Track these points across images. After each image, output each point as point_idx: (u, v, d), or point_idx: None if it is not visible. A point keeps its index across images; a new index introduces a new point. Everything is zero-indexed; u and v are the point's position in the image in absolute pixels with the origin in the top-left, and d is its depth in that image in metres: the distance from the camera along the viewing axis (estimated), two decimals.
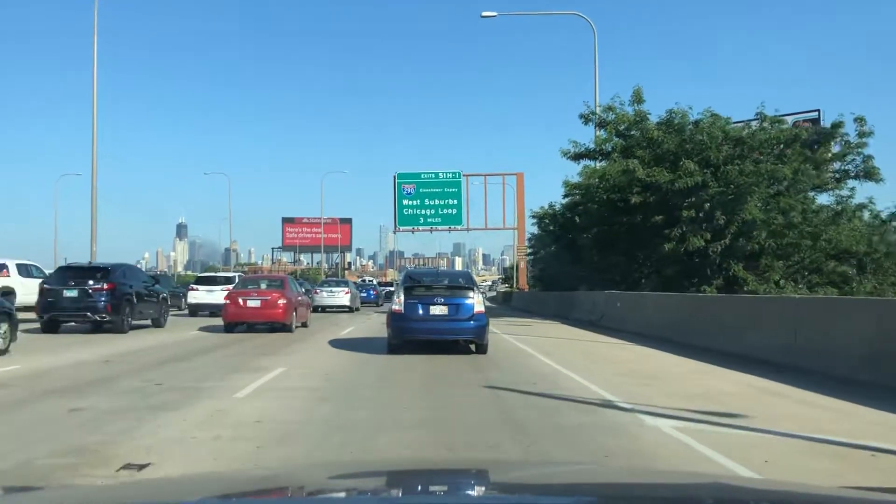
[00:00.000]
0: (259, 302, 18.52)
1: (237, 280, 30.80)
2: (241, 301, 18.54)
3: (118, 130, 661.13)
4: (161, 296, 21.92)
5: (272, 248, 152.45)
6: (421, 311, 12.53)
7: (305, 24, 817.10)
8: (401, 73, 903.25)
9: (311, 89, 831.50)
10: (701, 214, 22.24)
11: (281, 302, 18.44)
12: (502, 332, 19.38)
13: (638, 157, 23.18)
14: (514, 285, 73.91)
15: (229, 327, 18.71)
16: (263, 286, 19.79)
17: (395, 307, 12.83)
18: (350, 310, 32.72)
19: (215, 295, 28.59)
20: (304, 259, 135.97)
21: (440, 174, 53.78)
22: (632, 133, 24.10)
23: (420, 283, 13.42)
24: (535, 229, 40.26)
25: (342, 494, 2.17)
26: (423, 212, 53.46)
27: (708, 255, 22.39)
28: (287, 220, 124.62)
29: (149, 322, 20.63)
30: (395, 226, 54.05)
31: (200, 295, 29.58)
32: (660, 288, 23.94)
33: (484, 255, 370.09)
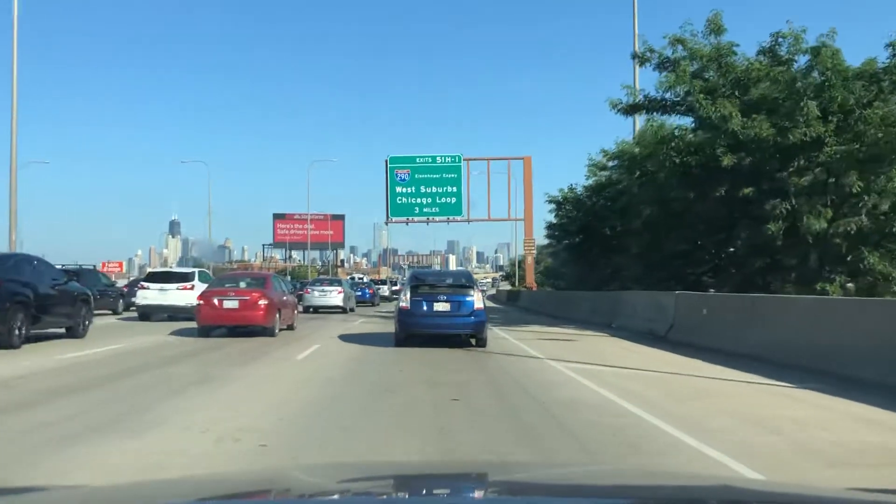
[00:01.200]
0: (237, 303, 15.82)
1: (196, 276, 24.42)
2: (216, 302, 15.83)
3: (113, 128, 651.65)
4: (78, 297, 15.77)
5: (263, 245, 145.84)
6: (425, 308, 13.09)
7: (297, 14, 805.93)
8: (397, 60, 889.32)
9: (304, 81, 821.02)
10: (811, 183, 15.23)
11: (262, 303, 15.79)
12: (545, 355, 12.35)
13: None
14: (517, 283, 67.03)
15: (203, 331, 15.99)
16: (243, 285, 17.17)
17: (403, 304, 13.33)
18: (343, 310, 28.76)
19: (170, 295, 23.13)
20: (297, 256, 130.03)
21: (438, 158, 46.76)
22: (708, 76, 17.01)
23: (425, 283, 13.94)
24: (546, 220, 32.99)
25: (346, 496, 2.02)
26: (418, 200, 46.42)
27: (826, 241, 15.36)
28: (278, 217, 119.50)
29: (62, 330, 15.20)
30: (387, 216, 46.97)
31: (152, 295, 23.41)
32: (742, 288, 16.94)
33: (478, 253, 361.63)
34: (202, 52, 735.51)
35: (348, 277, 74.41)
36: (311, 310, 28.57)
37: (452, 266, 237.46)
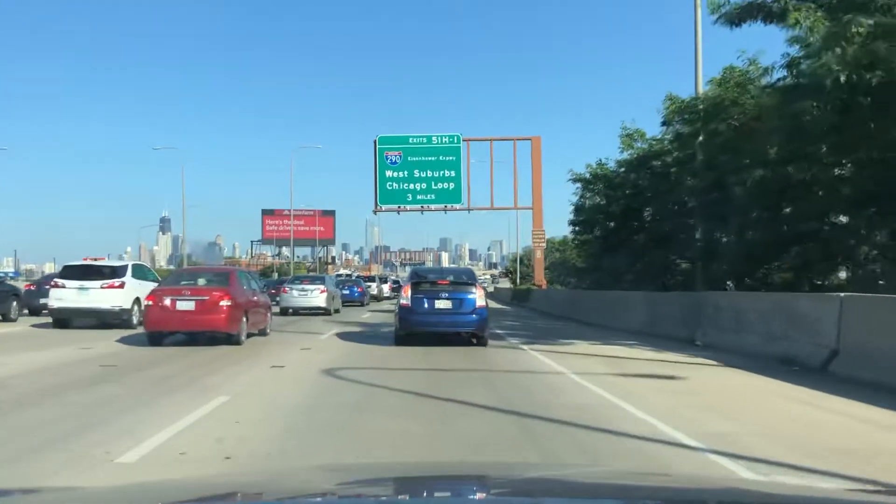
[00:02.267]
0: (193, 304, 12.65)
1: (128, 271, 18.39)
2: (168, 302, 12.64)
3: (104, 125, 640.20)
4: None
5: (251, 242, 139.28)
6: (426, 305, 12.61)
7: (287, 10, 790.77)
8: (393, 51, 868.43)
9: (294, 71, 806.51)
10: None
11: (224, 304, 12.62)
12: (698, 438, 5.44)
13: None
14: (518, 280, 60.36)
15: (154, 339, 12.73)
16: (202, 282, 13.97)
17: (403, 301, 12.94)
18: (327, 312, 24.27)
19: (92, 295, 17.28)
20: (288, 252, 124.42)
21: (434, 138, 39.92)
22: None
23: (426, 280, 13.45)
24: (572, 202, 26.13)
25: (345, 499, 1.96)
26: (411, 186, 39.59)
27: None
28: (266, 213, 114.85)
29: None
30: (376, 204, 40.10)
31: (69, 295, 17.42)
32: None
33: (471, 251, 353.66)
34: (195, 51, 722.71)
35: (335, 274, 67.77)
36: (291, 311, 24.19)
37: (445, 263, 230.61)
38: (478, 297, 12.61)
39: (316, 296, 24.53)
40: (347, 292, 32.10)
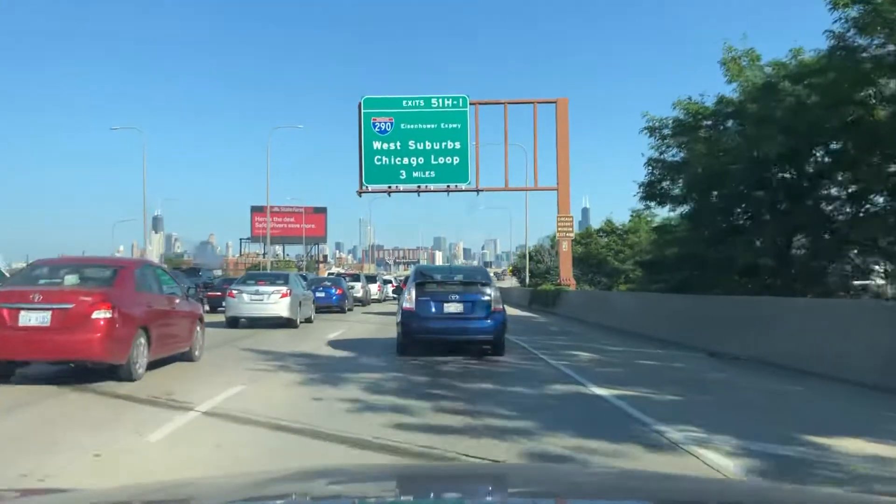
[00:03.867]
0: (48, 315, 7.88)
1: None
2: (5, 315, 7.88)
3: (95, 123, 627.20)
4: None
5: (240, 239, 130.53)
6: (434, 309, 11.10)
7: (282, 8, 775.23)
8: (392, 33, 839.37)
9: (285, 56, 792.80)
10: None
11: (99, 315, 7.90)
12: None
13: None
14: (527, 279, 51.73)
15: None
16: (71, 281, 8.79)
17: (406, 305, 11.31)
18: (290, 323, 17.86)
19: None
20: (282, 251, 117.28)
21: (434, 100, 30.89)
22: None
23: (433, 279, 11.86)
24: (648, 156, 17.30)
25: (347, 499, 1.84)
26: (405, 161, 30.56)
27: None
28: (256, 209, 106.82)
29: None
30: (361, 184, 31.01)
31: None
32: None
33: (465, 250, 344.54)
34: (191, 51, 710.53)
35: (326, 273, 59.15)
36: (244, 321, 17.92)
37: (439, 262, 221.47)
38: (493, 299, 11.07)
39: (275, 301, 17.70)
40: (322, 295, 23.80)
